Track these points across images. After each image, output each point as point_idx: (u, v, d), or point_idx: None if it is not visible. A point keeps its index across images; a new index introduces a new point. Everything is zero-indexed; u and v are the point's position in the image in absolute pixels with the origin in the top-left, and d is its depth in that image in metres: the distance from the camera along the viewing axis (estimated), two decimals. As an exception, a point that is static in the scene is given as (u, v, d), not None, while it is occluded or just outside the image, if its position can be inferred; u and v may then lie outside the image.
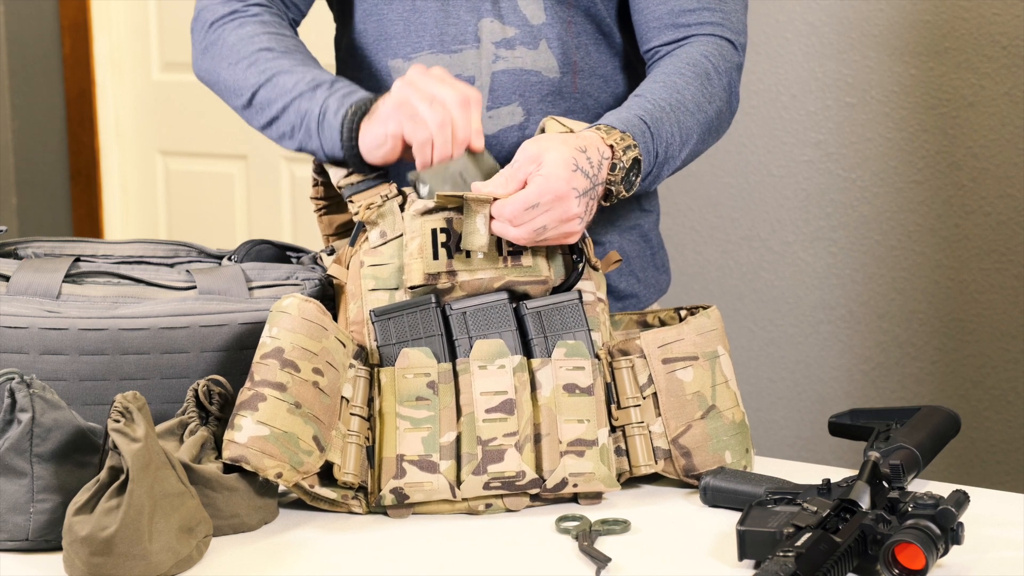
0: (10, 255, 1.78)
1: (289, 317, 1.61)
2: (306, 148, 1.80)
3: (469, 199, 1.66)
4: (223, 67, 1.85)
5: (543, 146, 1.67)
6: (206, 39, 1.88)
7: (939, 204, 2.93)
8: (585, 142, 1.69)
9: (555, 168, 1.65)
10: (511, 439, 1.63)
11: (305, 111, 1.77)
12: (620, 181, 1.71)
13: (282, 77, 1.80)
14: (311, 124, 1.77)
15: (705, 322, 1.71)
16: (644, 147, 1.73)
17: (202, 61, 1.90)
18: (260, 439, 1.55)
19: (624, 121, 1.74)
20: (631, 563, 1.48)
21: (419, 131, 1.68)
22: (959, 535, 1.41)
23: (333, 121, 1.74)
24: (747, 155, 3.10)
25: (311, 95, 1.77)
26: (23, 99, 4.08)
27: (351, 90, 1.77)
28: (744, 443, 1.70)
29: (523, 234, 1.65)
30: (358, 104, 1.74)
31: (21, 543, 1.51)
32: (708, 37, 1.86)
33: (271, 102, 1.80)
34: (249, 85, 1.82)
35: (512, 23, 1.88)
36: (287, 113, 1.79)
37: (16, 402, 1.51)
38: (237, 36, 1.85)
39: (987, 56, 2.84)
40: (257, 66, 1.82)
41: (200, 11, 1.91)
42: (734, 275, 3.15)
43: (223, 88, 1.87)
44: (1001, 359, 2.90)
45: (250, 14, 1.87)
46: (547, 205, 1.64)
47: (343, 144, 1.73)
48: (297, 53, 1.84)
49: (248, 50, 1.83)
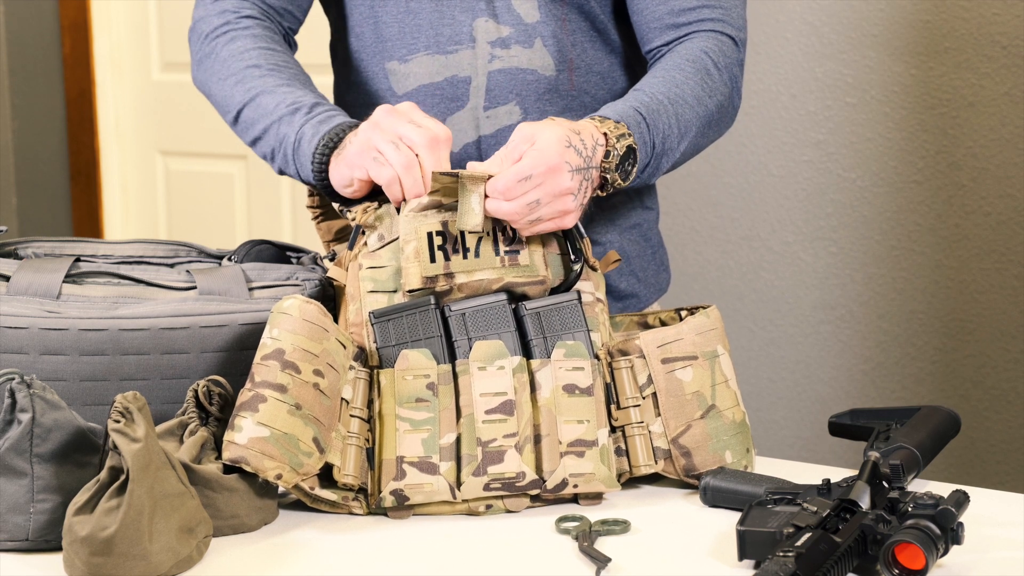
0: (10, 255, 1.78)
1: (290, 319, 1.61)
2: (286, 172, 1.80)
3: (464, 177, 1.65)
4: (214, 82, 1.88)
5: (537, 127, 1.68)
6: (201, 51, 1.90)
7: (939, 204, 2.93)
8: (579, 126, 1.70)
9: (548, 143, 1.66)
10: (511, 440, 1.62)
11: (283, 136, 1.78)
12: (615, 169, 1.71)
13: (264, 97, 1.81)
14: (287, 150, 1.78)
15: (704, 321, 1.71)
16: (640, 137, 1.74)
17: (198, 72, 1.92)
18: (260, 440, 1.55)
19: (618, 112, 1.75)
20: (631, 563, 1.48)
21: (383, 172, 1.68)
22: (959, 535, 1.41)
23: (307, 150, 1.75)
24: (747, 155, 3.10)
25: (289, 119, 1.78)
26: (23, 99, 4.08)
27: (328, 115, 1.77)
28: (745, 443, 1.70)
29: (516, 208, 1.65)
30: (329, 135, 1.74)
31: (21, 543, 1.51)
32: (708, 33, 1.87)
33: (254, 122, 1.82)
34: (235, 103, 1.84)
35: (507, 22, 1.88)
36: (267, 135, 1.81)
37: (16, 402, 1.51)
38: (228, 51, 1.86)
39: (987, 56, 2.84)
40: (243, 84, 1.83)
41: (197, 21, 1.91)
42: (734, 275, 3.15)
43: (215, 103, 1.90)
44: (1001, 359, 2.90)
45: (242, 27, 1.88)
46: (540, 178, 1.65)
47: (315, 177, 1.74)
48: (285, 70, 1.84)
49: (236, 66, 1.84)
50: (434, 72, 1.89)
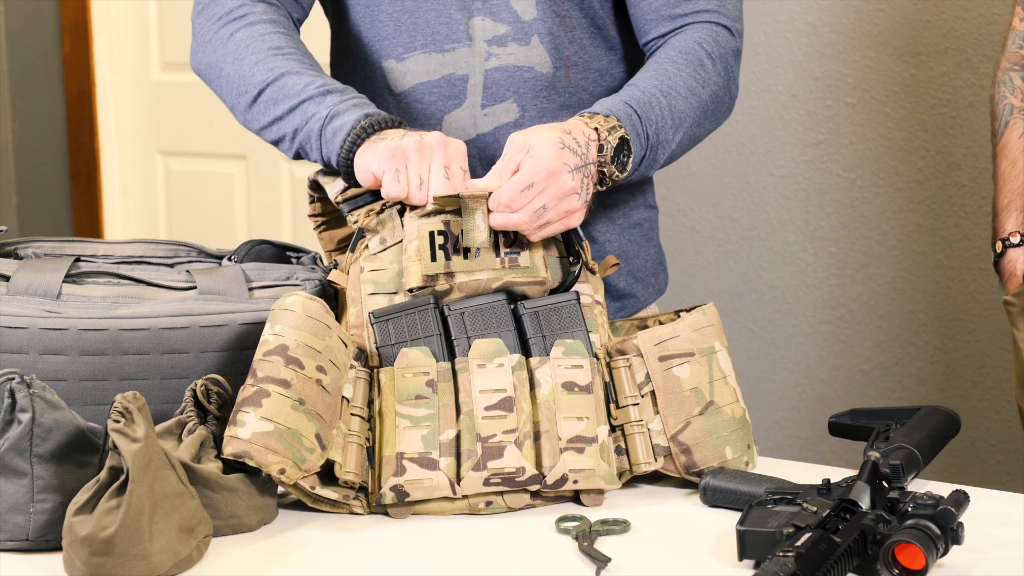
0: (10, 255, 1.78)
1: (294, 315, 1.61)
2: (303, 151, 1.79)
3: (465, 196, 1.66)
4: (228, 62, 1.84)
5: (529, 134, 1.69)
6: (211, 31, 1.87)
7: (939, 204, 2.93)
8: (569, 126, 1.71)
9: (543, 148, 1.67)
10: (510, 436, 1.63)
11: (312, 114, 1.77)
12: (611, 161, 1.72)
13: (292, 78, 1.80)
14: (314, 127, 1.76)
15: (701, 318, 1.71)
16: (632, 129, 1.74)
17: (203, 54, 1.88)
18: (264, 435, 1.55)
19: (607, 107, 1.76)
20: (631, 563, 1.48)
21: (394, 188, 1.68)
22: (959, 535, 1.41)
23: (340, 127, 1.73)
24: (747, 155, 3.10)
25: (320, 99, 1.77)
26: (23, 99, 4.08)
27: (364, 101, 1.77)
28: (745, 439, 1.70)
29: (524, 218, 1.66)
30: (373, 119, 1.73)
31: (21, 543, 1.51)
32: (703, 24, 1.88)
33: (277, 101, 1.80)
34: (256, 82, 1.81)
35: (503, 20, 1.88)
36: (293, 115, 1.78)
37: (16, 402, 1.51)
38: (247, 33, 1.84)
39: (987, 56, 2.84)
40: (265, 64, 1.81)
41: (208, 3, 1.89)
42: (734, 275, 3.15)
43: (225, 83, 1.85)
44: (1001, 359, 2.90)
45: (259, 11, 1.87)
46: (542, 184, 1.65)
47: (341, 152, 1.73)
48: (306, 56, 1.84)
49: (258, 47, 1.82)
50: (431, 70, 1.89)
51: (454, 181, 1.69)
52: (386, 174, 1.68)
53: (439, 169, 1.68)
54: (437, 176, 1.68)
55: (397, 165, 1.68)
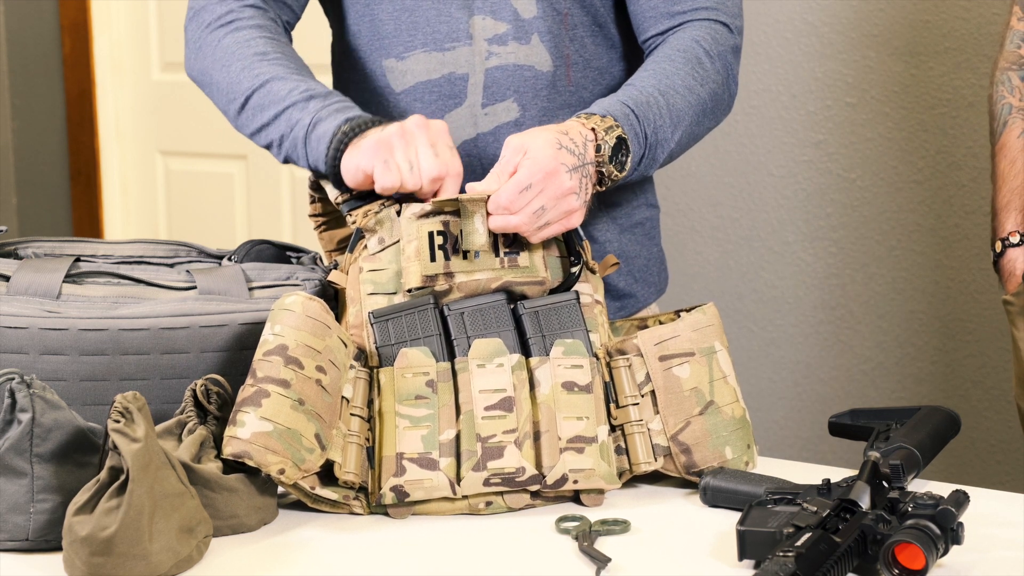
0: (10, 255, 1.78)
1: (293, 315, 1.61)
2: (291, 157, 1.80)
3: (464, 200, 1.66)
4: (216, 69, 1.85)
5: (526, 136, 1.70)
6: (201, 38, 1.88)
7: (939, 204, 2.93)
8: (565, 127, 1.72)
9: (540, 149, 1.67)
10: (510, 436, 1.63)
11: (296, 121, 1.77)
12: (609, 161, 1.72)
13: (276, 83, 1.80)
14: (299, 134, 1.77)
15: (701, 318, 1.71)
16: (630, 129, 1.74)
17: (196, 61, 1.89)
18: (263, 435, 1.55)
19: (604, 107, 1.76)
20: (631, 563, 1.48)
21: (387, 178, 1.68)
22: (959, 535, 1.41)
23: (324, 133, 1.74)
24: (747, 155, 3.10)
25: (304, 105, 1.77)
26: (23, 99, 4.08)
27: (346, 105, 1.77)
28: (745, 439, 1.70)
29: (524, 219, 1.66)
30: (354, 123, 1.73)
31: (21, 543, 1.51)
32: (702, 22, 1.88)
33: (263, 108, 1.80)
34: (243, 89, 1.82)
35: (504, 19, 1.88)
36: (278, 121, 1.79)
37: (16, 402, 1.51)
38: (233, 39, 1.85)
39: (987, 56, 2.84)
40: (251, 71, 1.82)
41: (198, 10, 1.90)
42: (734, 275, 3.15)
43: (216, 90, 1.86)
44: (1001, 359, 2.90)
45: (246, 16, 1.87)
46: (540, 184, 1.66)
47: (327, 159, 1.73)
48: (292, 61, 1.84)
49: (243, 53, 1.83)
50: (432, 69, 1.89)
51: (443, 159, 1.69)
52: (376, 168, 1.69)
53: (426, 149, 1.69)
54: (426, 156, 1.68)
55: (384, 156, 1.68)
